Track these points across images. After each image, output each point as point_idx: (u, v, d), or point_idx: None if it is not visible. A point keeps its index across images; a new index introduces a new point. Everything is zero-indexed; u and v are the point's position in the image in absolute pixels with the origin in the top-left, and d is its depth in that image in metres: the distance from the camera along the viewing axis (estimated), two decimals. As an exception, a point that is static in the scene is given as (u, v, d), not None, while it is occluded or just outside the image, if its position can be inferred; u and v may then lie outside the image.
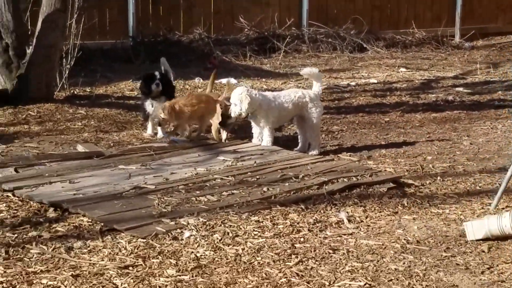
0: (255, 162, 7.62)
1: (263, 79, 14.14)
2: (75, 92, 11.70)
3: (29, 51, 10.75)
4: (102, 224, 5.95)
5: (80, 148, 8.26)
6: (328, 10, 18.81)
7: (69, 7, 10.86)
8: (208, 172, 7.27)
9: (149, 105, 9.10)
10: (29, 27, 11.65)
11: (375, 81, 13.71)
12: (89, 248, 5.54)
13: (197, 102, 8.74)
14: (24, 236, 5.78)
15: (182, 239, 5.67)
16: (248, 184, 6.88)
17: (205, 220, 5.99)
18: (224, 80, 13.69)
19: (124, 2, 16.98)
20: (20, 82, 10.64)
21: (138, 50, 16.36)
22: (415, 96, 12.16)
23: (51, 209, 6.38)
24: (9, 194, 6.75)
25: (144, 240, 5.63)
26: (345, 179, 7.02)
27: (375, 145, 8.93)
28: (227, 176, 7.09)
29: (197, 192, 6.67)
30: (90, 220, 6.07)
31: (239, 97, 8.08)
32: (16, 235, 5.80)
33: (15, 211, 6.38)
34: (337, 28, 18.16)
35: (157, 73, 9.06)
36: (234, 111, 8.13)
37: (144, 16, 17.31)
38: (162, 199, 6.46)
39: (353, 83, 13.53)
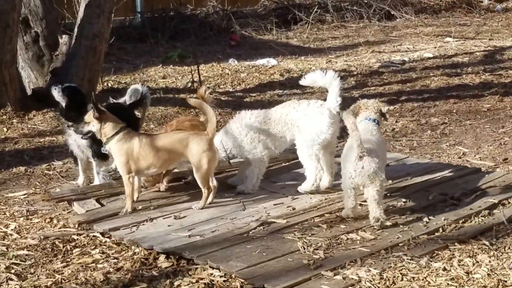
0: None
1: (301, 57, 12.72)
2: (110, 85, 10.19)
3: (61, 40, 9.04)
4: (244, 281, 4.59)
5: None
6: (350, -26, 17.44)
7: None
8: (337, 194, 5.91)
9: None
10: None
11: (431, 55, 12.35)
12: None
13: None
14: (146, 301, 4.44)
15: (362, 302, 4.35)
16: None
17: (377, 271, 4.64)
18: (263, 61, 12.28)
19: (130, -27, 15.47)
20: (55, 77, 8.78)
21: (149, 28, 14.85)
22: (495, 74, 10.74)
23: (162, 256, 5.02)
24: (97, 234, 5.38)
25: (312, 306, 4.30)
26: (518, 199, 5.67)
27: (500, 142, 7.51)
28: (364, 201, 5.73)
29: (342, 226, 5.32)
30: (222, 274, 4.71)
31: None
32: (134, 300, 4.45)
33: (116, 260, 5.01)
34: (362, -6, 16.84)
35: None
36: None
37: (152, -12, 15.75)
38: (304, 240, 5.09)
39: (406, 58, 12.17)
